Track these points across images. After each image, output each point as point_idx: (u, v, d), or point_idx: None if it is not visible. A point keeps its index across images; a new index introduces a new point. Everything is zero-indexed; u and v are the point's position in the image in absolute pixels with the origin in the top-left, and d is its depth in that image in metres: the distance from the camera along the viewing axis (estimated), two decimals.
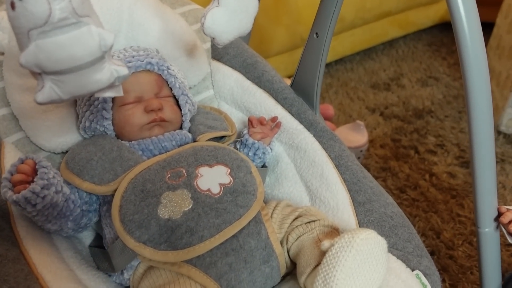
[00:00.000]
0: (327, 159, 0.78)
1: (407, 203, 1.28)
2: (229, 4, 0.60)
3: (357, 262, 0.57)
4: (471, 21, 0.59)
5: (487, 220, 0.69)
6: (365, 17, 1.82)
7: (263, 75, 0.88)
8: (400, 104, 1.71)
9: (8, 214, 0.64)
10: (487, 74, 0.63)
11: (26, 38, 0.44)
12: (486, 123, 0.65)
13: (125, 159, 0.67)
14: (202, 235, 0.60)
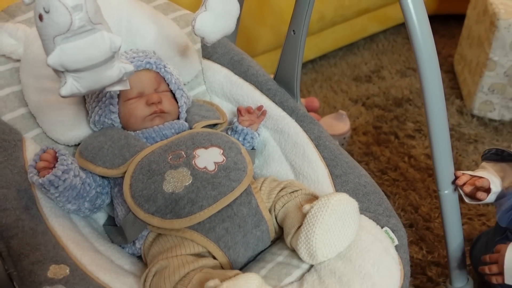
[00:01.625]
0: (307, 140, 0.89)
1: (388, 183, 1.39)
2: (215, 9, 0.72)
3: (333, 220, 0.68)
4: (420, 17, 0.70)
5: (445, 182, 0.80)
6: (344, 14, 1.94)
7: (249, 70, 0.99)
8: (380, 94, 1.83)
9: (34, 197, 0.74)
10: (436, 59, 0.74)
11: (52, 43, 0.55)
12: (438, 99, 0.76)
13: (132, 146, 0.78)
14: (201, 205, 0.71)
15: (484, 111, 1.59)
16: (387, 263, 0.68)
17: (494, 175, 0.82)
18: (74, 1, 0.53)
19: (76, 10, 0.53)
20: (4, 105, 0.83)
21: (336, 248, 0.69)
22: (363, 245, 0.70)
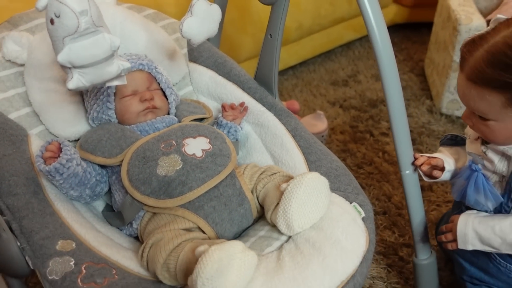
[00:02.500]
0: (285, 132, 0.99)
1: (363, 176, 1.50)
2: (199, 14, 0.82)
3: (306, 195, 0.78)
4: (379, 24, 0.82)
5: (406, 164, 0.91)
6: (321, 23, 2.06)
7: (231, 71, 1.09)
8: (357, 97, 1.95)
9: (40, 185, 0.83)
10: (393, 58, 0.86)
11: (61, 43, 0.65)
12: (396, 91, 0.87)
13: (128, 137, 0.88)
14: (191, 186, 0.80)
15: (452, 109, 1.72)
16: (354, 231, 0.78)
17: (448, 156, 0.93)
18: (81, 7, 0.63)
19: (82, 14, 0.63)
20: (10, 105, 0.92)
21: (310, 220, 0.78)
22: (334, 217, 0.80)
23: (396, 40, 2.48)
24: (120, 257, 0.76)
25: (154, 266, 0.72)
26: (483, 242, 0.82)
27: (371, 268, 1.18)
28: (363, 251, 0.77)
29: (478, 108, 0.77)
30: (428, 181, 0.94)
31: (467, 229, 0.83)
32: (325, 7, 2.00)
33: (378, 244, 1.25)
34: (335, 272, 0.72)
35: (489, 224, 0.81)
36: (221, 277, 0.63)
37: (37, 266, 0.71)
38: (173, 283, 0.72)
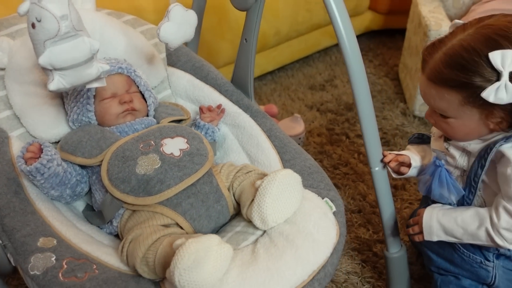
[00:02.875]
0: (261, 132, 1.03)
1: (339, 176, 1.55)
2: (176, 19, 0.86)
3: (280, 190, 0.82)
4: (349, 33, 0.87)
5: (375, 161, 0.96)
6: (298, 29, 2.12)
7: (209, 75, 1.13)
8: (333, 101, 2.00)
9: (21, 185, 0.85)
10: (361, 62, 0.90)
11: (42, 46, 0.68)
12: (365, 93, 0.92)
13: (107, 138, 0.90)
14: (169, 184, 0.84)
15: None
16: (325, 224, 0.82)
17: (414, 154, 0.98)
18: (61, 12, 0.66)
19: (63, 19, 0.66)
20: None
21: (284, 214, 0.82)
22: (306, 211, 0.84)
23: (372, 46, 2.56)
24: (100, 253, 0.79)
25: (133, 260, 0.75)
26: (447, 233, 0.87)
27: (347, 263, 1.23)
28: (334, 243, 0.81)
29: (438, 107, 0.82)
30: (396, 177, 0.99)
31: (432, 221, 0.88)
32: (302, 14, 2.06)
33: (353, 241, 1.30)
34: (307, 262, 0.76)
35: (452, 216, 0.86)
36: (197, 268, 0.67)
37: (18, 263, 0.73)
38: (152, 277, 0.75)
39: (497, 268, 0.89)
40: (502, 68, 0.71)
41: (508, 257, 0.89)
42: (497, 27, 0.74)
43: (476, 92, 0.73)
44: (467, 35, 0.76)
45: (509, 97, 0.71)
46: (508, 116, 0.77)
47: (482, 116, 0.78)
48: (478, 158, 0.82)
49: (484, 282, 0.92)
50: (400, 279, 1.07)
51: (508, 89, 0.71)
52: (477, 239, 0.83)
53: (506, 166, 0.78)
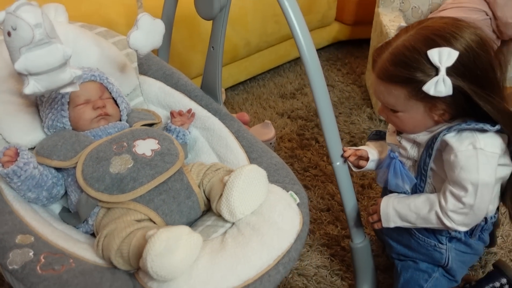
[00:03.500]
0: (229, 134, 1.09)
1: (309, 178, 1.62)
2: (144, 28, 0.92)
3: (246, 184, 0.87)
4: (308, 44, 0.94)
5: (336, 156, 1.03)
6: (268, 40, 2.20)
7: (179, 81, 1.19)
8: (303, 108, 2.08)
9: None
10: (321, 72, 0.98)
11: (18, 53, 0.73)
12: (323, 95, 0.99)
13: (82, 141, 0.95)
14: (142, 181, 0.88)
15: None
16: (289, 214, 0.88)
17: (372, 148, 1.06)
18: (35, 21, 0.71)
19: (36, 27, 0.71)
20: None
21: (251, 206, 0.88)
22: (272, 203, 0.90)
23: (340, 56, 2.66)
24: (76, 248, 0.82)
25: (108, 253, 0.79)
26: (402, 218, 0.94)
27: (316, 258, 1.29)
28: (298, 230, 0.87)
29: (388, 102, 0.90)
30: (356, 170, 1.06)
31: (389, 209, 0.95)
32: (271, 25, 2.14)
33: (322, 237, 1.36)
34: (272, 248, 0.81)
35: (405, 203, 0.93)
36: (168, 255, 0.71)
37: None
38: (127, 268, 0.79)
39: (450, 251, 0.97)
40: (440, 64, 0.79)
41: (459, 239, 0.96)
42: (434, 28, 0.82)
43: (418, 86, 0.81)
44: (409, 36, 0.85)
45: (447, 90, 0.79)
46: (450, 108, 0.85)
47: (427, 108, 0.86)
48: (426, 148, 0.90)
49: (439, 264, 0.99)
50: (366, 268, 1.13)
51: (446, 82, 0.79)
52: (428, 222, 0.90)
53: (450, 153, 0.85)
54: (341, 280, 1.22)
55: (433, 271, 0.99)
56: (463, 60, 0.79)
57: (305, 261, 1.28)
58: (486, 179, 0.83)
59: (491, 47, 0.84)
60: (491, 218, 0.95)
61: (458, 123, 0.85)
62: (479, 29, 0.83)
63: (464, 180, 0.84)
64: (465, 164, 0.83)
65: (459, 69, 0.79)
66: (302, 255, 1.29)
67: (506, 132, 0.84)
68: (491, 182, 0.84)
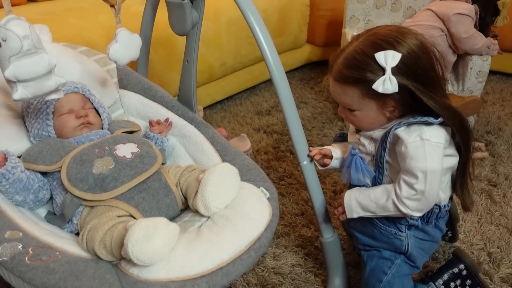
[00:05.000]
0: (204, 139, 1.18)
1: (284, 186, 1.70)
2: (123, 41, 1.01)
3: (219, 180, 0.95)
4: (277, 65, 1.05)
5: (303, 156, 1.12)
6: (243, 61, 2.32)
7: (157, 94, 1.28)
8: (278, 123, 2.19)
9: None
10: (285, 78, 1.08)
11: (7, 62, 0.81)
12: (287, 97, 1.09)
13: (66, 147, 1.02)
14: (122, 181, 0.96)
15: None
16: (259, 206, 0.96)
17: (335, 148, 1.15)
18: (24, 33, 0.79)
19: (25, 38, 0.80)
20: None
21: (224, 201, 0.95)
22: (244, 197, 0.97)
23: (313, 75, 2.80)
24: (62, 243, 0.88)
25: (92, 244, 0.85)
26: (364, 208, 1.02)
27: (291, 258, 1.36)
28: (267, 220, 0.94)
29: (344, 102, 1.00)
30: (321, 169, 1.15)
31: (351, 201, 1.04)
32: (245, 47, 2.26)
33: (297, 239, 1.44)
34: (244, 235, 0.89)
35: (366, 194, 1.02)
36: (148, 241, 0.78)
37: None
38: (110, 259, 0.85)
39: (409, 238, 1.05)
40: (386, 65, 0.90)
41: (417, 227, 1.05)
42: (381, 34, 0.94)
43: (369, 85, 0.92)
44: (359, 42, 0.95)
45: (393, 87, 0.90)
46: (398, 104, 0.95)
47: (379, 106, 0.96)
48: (381, 142, 1.00)
49: (400, 251, 1.07)
50: (336, 262, 1.21)
51: (392, 81, 0.89)
52: (387, 210, 0.99)
53: (401, 145, 0.95)
54: (315, 276, 1.29)
55: (396, 258, 1.07)
56: (406, 61, 0.90)
57: (281, 260, 1.34)
58: (433, 167, 0.93)
59: (432, 50, 0.95)
60: (444, 206, 1.05)
61: (407, 119, 0.96)
62: (420, 35, 0.95)
63: (414, 169, 0.93)
64: (414, 154, 0.93)
65: (403, 69, 0.90)
66: (277, 256, 1.36)
67: (449, 124, 0.94)
68: (439, 170, 0.93)
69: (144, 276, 0.79)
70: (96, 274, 0.80)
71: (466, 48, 1.80)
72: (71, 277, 0.78)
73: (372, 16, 2.22)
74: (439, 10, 1.80)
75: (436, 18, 1.83)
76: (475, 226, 1.46)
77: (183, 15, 1.14)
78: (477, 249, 1.37)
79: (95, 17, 1.79)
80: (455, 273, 1.14)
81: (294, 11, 2.53)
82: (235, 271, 0.83)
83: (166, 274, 0.79)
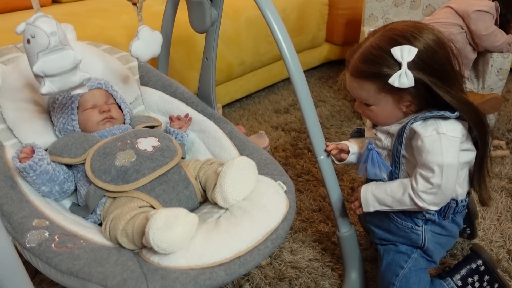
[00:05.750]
0: (223, 134, 1.20)
1: (302, 183, 1.72)
2: (144, 38, 1.05)
3: (237, 173, 0.98)
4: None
5: (320, 150, 1.13)
6: (261, 60, 2.34)
7: (177, 90, 1.31)
8: (297, 121, 2.20)
9: (16, 182, 0.98)
10: (303, 76, 1.10)
11: (35, 57, 0.84)
12: (305, 94, 1.11)
13: (90, 141, 1.06)
14: (144, 173, 0.99)
15: None
16: (277, 199, 0.98)
17: (352, 143, 1.16)
18: (51, 30, 0.83)
19: (52, 35, 0.83)
20: None
21: (242, 193, 0.98)
22: (261, 190, 0.99)
23: (331, 74, 2.80)
24: (86, 232, 0.92)
25: (115, 233, 0.89)
26: (380, 202, 1.03)
27: (309, 253, 1.37)
28: (284, 213, 0.96)
29: (361, 97, 1.01)
30: (338, 163, 1.16)
31: (368, 195, 1.05)
32: (264, 45, 2.29)
33: (314, 234, 1.45)
34: (261, 226, 0.91)
35: (382, 188, 1.03)
36: (168, 229, 0.81)
37: (17, 239, 0.86)
38: (131, 247, 0.89)
39: (425, 232, 1.06)
40: (402, 60, 0.90)
41: (433, 221, 1.05)
42: (397, 29, 0.95)
43: (385, 80, 0.93)
44: (376, 37, 0.97)
45: (410, 81, 0.91)
46: (415, 99, 0.96)
47: (395, 101, 0.97)
48: (397, 137, 1.01)
49: (417, 246, 1.07)
50: (353, 256, 1.22)
51: (408, 75, 0.90)
52: (403, 204, 1.00)
53: (417, 139, 0.96)
54: (332, 270, 1.30)
55: (412, 252, 1.08)
56: (422, 55, 0.91)
57: (298, 255, 1.36)
58: (450, 161, 0.93)
59: (449, 45, 0.95)
60: (462, 201, 1.05)
61: (423, 113, 0.96)
62: (436, 30, 0.95)
63: (431, 162, 0.94)
64: (431, 148, 0.94)
65: (419, 64, 0.91)
66: (295, 250, 1.38)
67: (465, 118, 0.95)
68: (455, 163, 0.94)
69: (164, 264, 0.82)
70: (119, 261, 0.83)
71: (486, 45, 1.78)
72: (94, 263, 0.81)
73: (391, 14, 2.21)
74: (458, 7, 1.79)
75: (456, 16, 1.82)
76: (494, 224, 1.45)
77: (203, 13, 1.17)
78: (496, 246, 1.36)
79: (117, 17, 1.84)
80: (473, 268, 1.14)
81: (312, 10, 2.54)
82: (252, 261, 0.85)
83: (185, 262, 0.82)
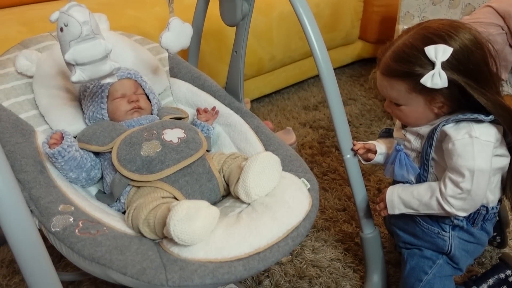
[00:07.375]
0: (249, 129, 1.20)
1: (328, 181, 1.70)
2: (175, 30, 1.05)
3: (261, 168, 0.97)
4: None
5: (346, 149, 1.11)
6: (292, 56, 2.32)
7: (205, 83, 1.31)
8: (325, 119, 2.18)
9: (45, 167, 1.01)
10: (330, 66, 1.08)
11: (68, 46, 0.86)
12: (334, 92, 1.09)
13: (117, 130, 1.07)
14: (168, 164, 0.99)
15: None
16: (300, 196, 0.97)
17: (380, 143, 1.14)
18: (83, 19, 0.84)
19: (84, 24, 0.85)
20: (21, 107, 1.12)
21: (265, 189, 0.97)
22: (284, 186, 0.99)
23: (363, 72, 2.75)
24: (109, 219, 0.93)
25: (137, 222, 0.89)
26: (406, 205, 1.01)
27: (331, 252, 1.36)
28: (306, 210, 0.95)
29: (391, 96, 0.98)
30: (365, 163, 1.14)
31: (393, 196, 1.02)
32: (295, 41, 2.26)
33: (337, 233, 1.43)
34: (282, 223, 0.90)
35: (409, 190, 1.01)
36: (189, 221, 0.81)
37: (43, 223, 0.88)
38: (152, 237, 0.89)
39: (452, 238, 1.02)
40: (435, 59, 0.87)
41: (461, 227, 1.02)
42: (432, 28, 0.91)
43: (417, 80, 0.90)
44: (409, 35, 0.94)
45: (443, 82, 0.88)
46: (447, 100, 0.93)
47: (426, 101, 0.94)
48: (427, 139, 0.98)
49: (443, 252, 1.04)
50: (375, 259, 1.19)
51: (441, 75, 0.87)
52: (430, 208, 0.97)
53: (448, 142, 0.93)
54: (353, 272, 1.28)
55: (437, 258, 1.05)
56: (458, 55, 0.88)
57: (320, 254, 1.35)
58: (481, 166, 0.90)
59: (486, 46, 0.91)
60: (493, 208, 1.01)
61: (456, 115, 0.93)
62: (474, 29, 0.92)
63: (461, 167, 0.91)
64: (462, 151, 0.90)
65: (454, 64, 0.88)
66: (316, 249, 1.36)
67: (500, 122, 0.91)
68: (487, 169, 0.90)
69: (184, 255, 0.82)
70: (139, 250, 0.84)
71: None
72: (116, 250, 0.82)
73: (428, 12, 2.15)
74: (499, 7, 1.72)
75: (496, 15, 1.75)
76: None
77: (234, 6, 1.16)
78: None
79: (151, 8, 1.86)
80: (501, 278, 1.10)
81: (347, 6, 2.49)
82: (271, 257, 0.85)
83: (204, 255, 0.82)
